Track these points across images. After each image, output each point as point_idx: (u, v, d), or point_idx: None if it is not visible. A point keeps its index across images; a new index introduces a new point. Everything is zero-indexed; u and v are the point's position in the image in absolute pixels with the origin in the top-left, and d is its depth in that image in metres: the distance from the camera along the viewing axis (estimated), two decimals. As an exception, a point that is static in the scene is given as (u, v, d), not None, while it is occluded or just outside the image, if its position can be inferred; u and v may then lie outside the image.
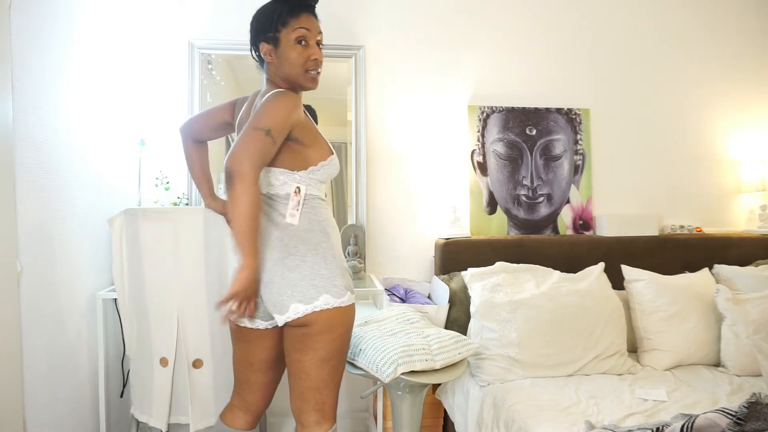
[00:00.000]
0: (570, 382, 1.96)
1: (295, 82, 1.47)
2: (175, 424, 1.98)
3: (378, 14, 2.58)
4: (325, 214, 1.48)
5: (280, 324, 1.40)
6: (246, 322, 1.47)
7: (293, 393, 1.45)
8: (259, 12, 1.49)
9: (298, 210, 1.42)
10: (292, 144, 1.42)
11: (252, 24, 1.50)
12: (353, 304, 1.46)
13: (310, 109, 2.20)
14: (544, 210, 2.65)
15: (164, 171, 2.38)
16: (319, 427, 1.43)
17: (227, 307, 1.31)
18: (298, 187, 1.42)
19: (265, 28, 1.46)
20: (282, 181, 1.44)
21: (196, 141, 1.71)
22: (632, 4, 2.75)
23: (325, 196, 1.57)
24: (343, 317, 1.42)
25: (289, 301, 1.37)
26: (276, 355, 1.53)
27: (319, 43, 1.49)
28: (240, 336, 1.51)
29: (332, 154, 1.50)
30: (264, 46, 1.47)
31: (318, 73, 1.48)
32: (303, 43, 1.44)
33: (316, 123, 1.56)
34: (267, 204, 1.45)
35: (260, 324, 1.47)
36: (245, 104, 1.58)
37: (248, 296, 1.32)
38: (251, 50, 1.53)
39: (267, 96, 1.41)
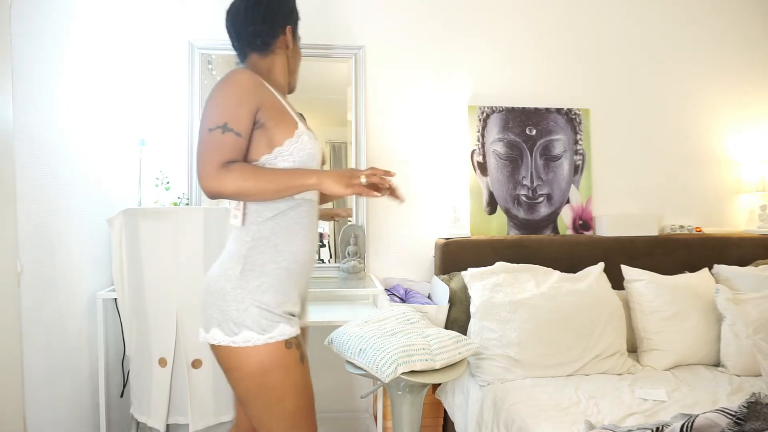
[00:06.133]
0: (570, 382, 1.96)
1: (293, 77, 1.45)
2: (174, 425, 1.98)
3: (378, 14, 2.58)
4: (276, 226, 1.25)
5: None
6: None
7: None
8: None
9: (239, 208, 1.25)
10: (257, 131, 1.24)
11: (270, 3, 1.35)
12: (265, 347, 1.18)
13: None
14: (544, 210, 2.65)
15: (164, 171, 2.39)
16: None
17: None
18: None
19: (292, 12, 1.40)
20: None
21: None
22: (633, 5, 2.75)
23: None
24: (241, 360, 1.18)
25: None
26: None
27: None
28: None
29: (297, 127, 1.26)
30: (289, 30, 1.37)
31: None
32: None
33: None
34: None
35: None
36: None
37: (352, 173, 1.21)
38: (260, 29, 1.33)
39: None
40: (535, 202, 2.64)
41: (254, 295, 1.20)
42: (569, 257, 2.49)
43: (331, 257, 2.57)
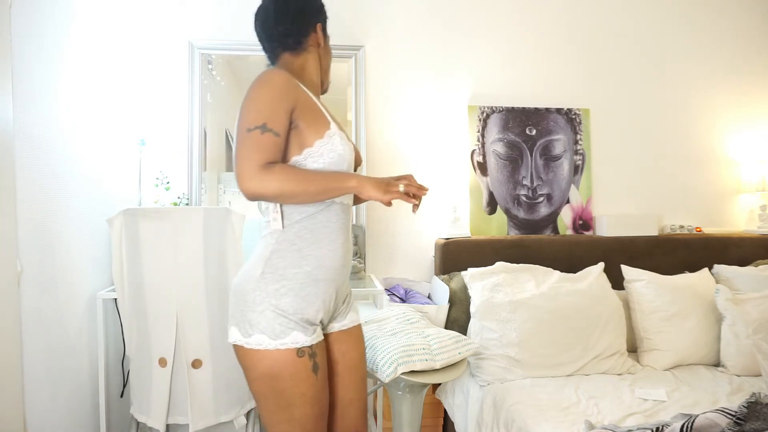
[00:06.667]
0: (570, 382, 1.96)
1: (326, 76, 1.45)
2: (174, 425, 1.98)
3: (378, 14, 2.58)
4: (303, 230, 1.23)
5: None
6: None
7: None
8: None
9: (277, 211, 1.23)
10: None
11: (298, 2, 1.35)
12: (276, 353, 1.17)
13: None
14: (544, 210, 2.65)
15: (164, 171, 2.39)
16: None
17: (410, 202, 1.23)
18: None
19: (321, 10, 1.40)
20: None
21: None
22: (633, 5, 2.75)
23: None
24: (253, 362, 1.19)
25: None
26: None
27: None
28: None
29: (329, 128, 1.23)
30: (319, 28, 1.37)
31: None
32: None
33: None
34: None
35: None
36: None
37: (390, 181, 1.21)
38: (291, 29, 1.33)
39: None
40: (535, 202, 2.64)
41: (272, 298, 1.19)
42: (569, 257, 2.49)
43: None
